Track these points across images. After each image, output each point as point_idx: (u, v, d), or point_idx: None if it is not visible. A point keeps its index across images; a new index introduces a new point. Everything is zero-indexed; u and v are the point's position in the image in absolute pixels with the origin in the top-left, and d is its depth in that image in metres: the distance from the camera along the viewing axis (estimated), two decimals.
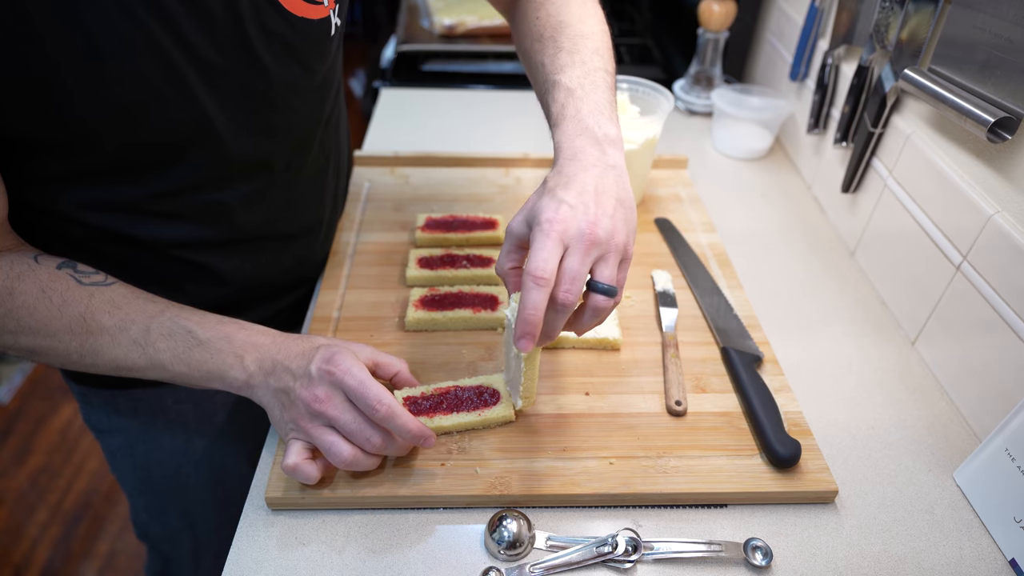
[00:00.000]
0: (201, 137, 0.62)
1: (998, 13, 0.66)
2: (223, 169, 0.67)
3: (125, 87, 0.55)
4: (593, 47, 0.68)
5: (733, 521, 0.63)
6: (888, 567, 0.60)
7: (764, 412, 0.67)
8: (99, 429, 0.85)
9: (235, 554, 0.59)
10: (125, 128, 0.58)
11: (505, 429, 0.67)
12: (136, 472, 0.88)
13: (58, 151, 0.58)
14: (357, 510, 0.62)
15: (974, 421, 0.72)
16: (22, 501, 1.75)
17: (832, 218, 1.02)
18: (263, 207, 0.73)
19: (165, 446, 0.85)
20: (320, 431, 0.59)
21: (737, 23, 1.22)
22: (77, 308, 0.59)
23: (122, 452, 0.86)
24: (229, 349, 0.61)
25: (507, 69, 1.41)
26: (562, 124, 0.61)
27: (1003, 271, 0.67)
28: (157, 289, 0.65)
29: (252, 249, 0.75)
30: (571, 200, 0.54)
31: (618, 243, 0.55)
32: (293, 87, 0.68)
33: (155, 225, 0.66)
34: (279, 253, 0.78)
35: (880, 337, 0.83)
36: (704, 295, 0.83)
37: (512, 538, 0.58)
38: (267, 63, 0.63)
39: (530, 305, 0.51)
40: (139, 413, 0.82)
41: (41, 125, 0.55)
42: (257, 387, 0.62)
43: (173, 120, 0.59)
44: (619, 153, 0.60)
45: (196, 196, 0.66)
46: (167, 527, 0.94)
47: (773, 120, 1.13)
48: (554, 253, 0.52)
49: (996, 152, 0.70)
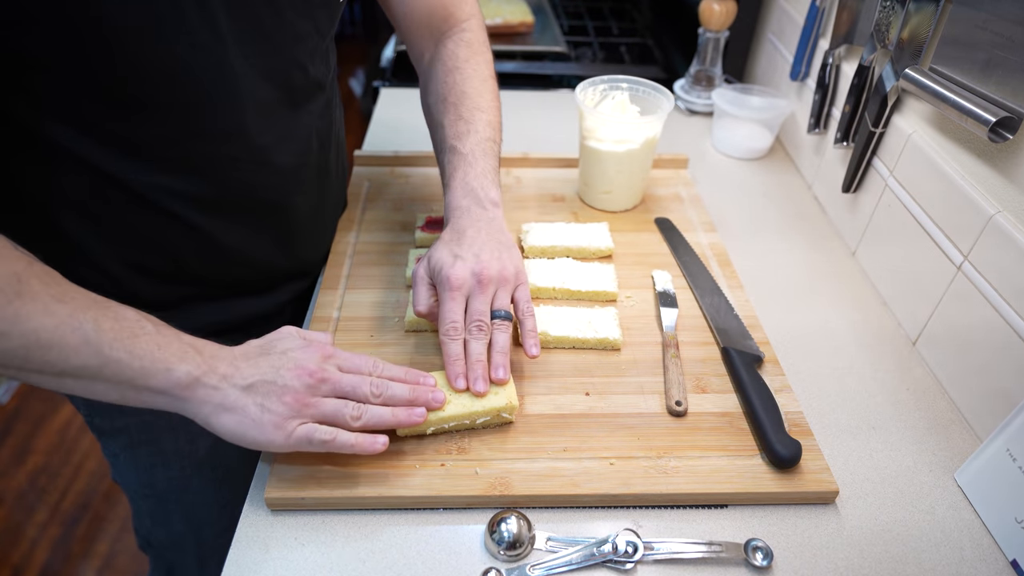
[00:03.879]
0: (216, 69, 0.62)
1: (999, 12, 0.66)
2: (231, 114, 0.66)
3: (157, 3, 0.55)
4: (487, 120, 0.79)
5: (733, 521, 0.63)
6: (889, 567, 0.60)
7: (765, 412, 0.67)
8: (102, 432, 0.84)
9: (235, 554, 0.59)
10: (144, 45, 0.57)
11: (505, 429, 0.67)
12: (140, 476, 0.87)
13: (72, 65, 0.56)
14: (357, 510, 0.62)
15: (975, 421, 0.72)
16: (21, 501, 1.75)
17: (833, 218, 1.02)
18: (254, 164, 0.71)
19: (168, 448, 0.84)
20: (327, 403, 0.58)
21: (737, 22, 1.22)
22: (14, 266, 0.51)
23: (125, 455, 0.85)
24: (181, 342, 0.57)
25: (507, 69, 1.40)
26: (452, 186, 0.75)
27: (1004, 271, 0.67)
28: (135, 251, 0.66)
29: (239, 211, 0.73)
30: (463, 253, 0.68)
31: (507, 276, 0.69)
32: (303, 41, 0.70)
33: (148, 171, 0.64)
34: (266, 220, 0.76)
35: (881, 337, 0.83)
36: (704, 295, 0.83)
37: (512, 538, 0.58)
38: (283, 8, 0.65)
39: (453, 355, 0.65)
40: (142, 413, 0.79)
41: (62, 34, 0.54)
42: (214, 387, 0.56)
43: (192, 43, 0.59)
44: (498, 210, 0.74)
45: (196, 144, 0.65)
46: (172, 533, 0.93)
47: (773, 120, 1.13)
48: (460, 305, 0.67)
49: (997, 152, 0.70)
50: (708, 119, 1.26)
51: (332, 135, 0.84)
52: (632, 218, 0.98)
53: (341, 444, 0.58)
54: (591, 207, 1.00)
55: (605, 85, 0.98)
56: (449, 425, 0.65)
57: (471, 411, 0.65)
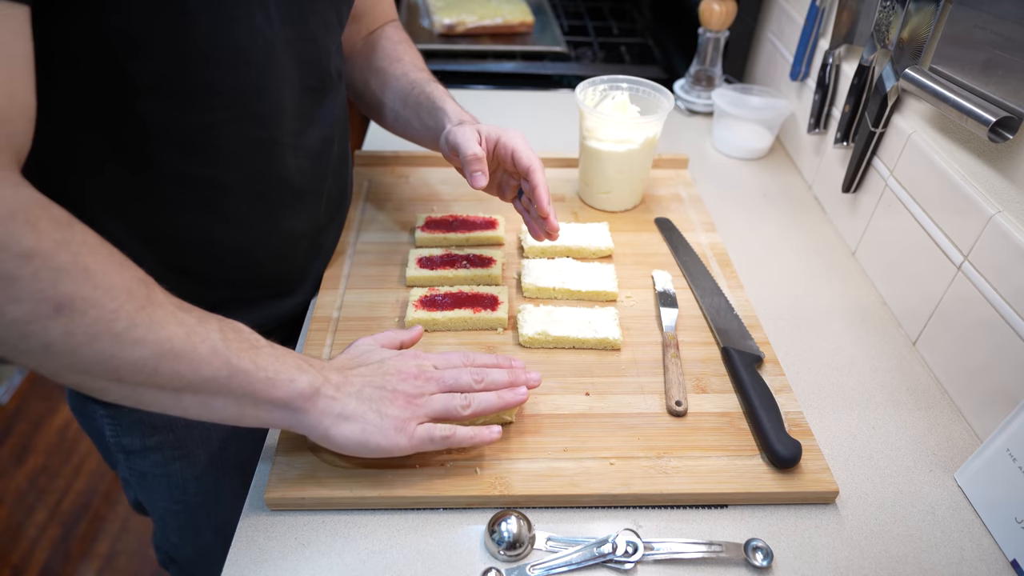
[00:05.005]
0: (265, 54, 0.63)
1: (999, 12, 0.66)
2: (273, 99, 0.67)
3: None
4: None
5: (734, 521, 0.63)
6: (889, 568, 0.60)
7: (765, 412, 0.67)
8: (131, 452, 0.81)
9: (235, 554, 0.59)
10: (217, 28, 0.58)
11: (505, 429, 0.67)
12: (171, 491, 0.84)
13: (152, 52, 0.56)
14: (357, 510, 0.62)
15: (975, 421, 0.72)
16: (21, 501, 1.75)
17: (833, 218, 1.02)
18: (291, 149, 0.72)
19: (200, 457, 0.82)
20: (436, 399, 0.61)
21: (737, 23, 1.22)
22: (138, 271, 0.49)
23: (155, 472, 0.82)
24: (293, 355, 0.57)
25: (507, 69, 1.40)
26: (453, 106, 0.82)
27: (1004, 271, 0.67)
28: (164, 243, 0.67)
29: (274, 201, 0.73)
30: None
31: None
32: (330, 31, 0.73)
33: (189, 161, 0.64)
34: (299, 209, 0.77)
35: (881, 337, 0.83)
36: (704, 295, 0.83)
37: (512, 538, 0.58)
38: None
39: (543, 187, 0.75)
40: (175, 427, 0.79)
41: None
42: (331, 397, 0.57)
43: (251, 26, 0.60)
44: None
45: (238, 129, 0.65)
46: (200, 545, 0.91)
47: (774, 120, 1.13)
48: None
49: (997, 152, 0.70)
50: (708, 119, 1.26)
51: (346, 127, 0.86)
52: (632, 218, 0.98)
53: (461, 439, 0.60)
54: (591, 207, 1.00)
55: (605, 85, 0.98)
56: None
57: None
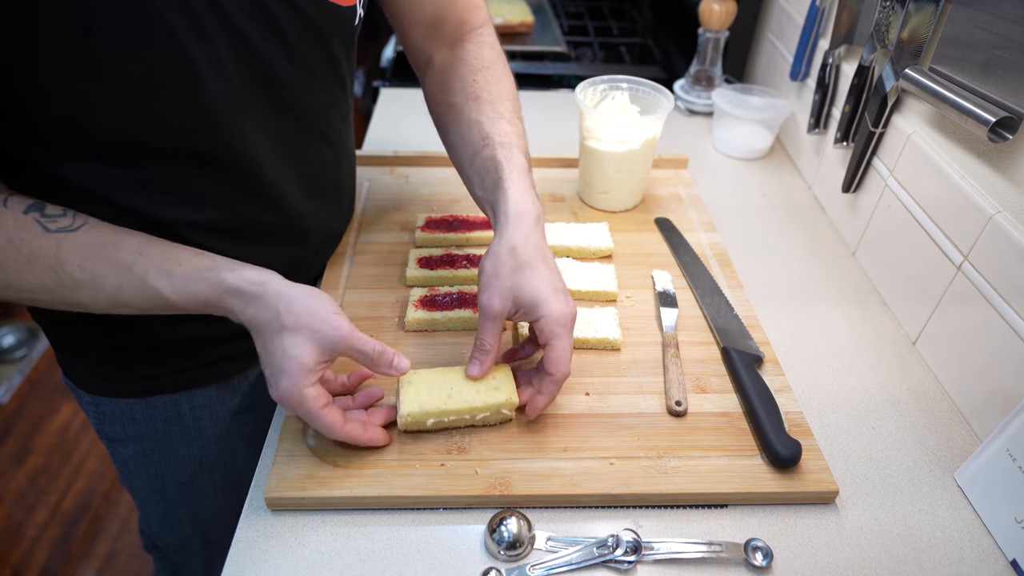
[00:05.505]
0: (223, 112, 0.62)
1: (999, 12, 0.66)
2: (243, 147, 0.65)
3: (156, 49, 0.55)
4: (521, 129, 0.76)
5: (734, 521, 0.63)
6: (889, 567, 0.60)
7: (765, 412, 0.67)
8: (112, 439, 0.84)
9: (235, 554, 0.59)
10: (151, 97, 0.57)
11: (505, 429, 0.67)
12: (150, 481, 0.87)
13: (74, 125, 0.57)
14: (357, 510, 0.62)
15: (975, 421, 0.72)
16: (21, 501, 1.75)
17: (833, 218, 1.02)
18: (275, 194, 0.71)
19: (181, 452, 0.84)
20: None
21: (737, 23, 1.22)
22: (46, 261, 0.56)
23: (136, 461, 0.85)
24: (209, 309, 0.61)
25: None
26: (515, 186, 0.67)
27: (1004, 271, 0.67)
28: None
29: (258, 238, 0.72)
30: (561, 287, 0.64)
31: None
32: (315, 72, 0.69)
33: (169, 206, 0.65)
34: (282, 249, 0.76)
35: (881, 337, 0.83)
36: (704, 295, 0.83)
37: (512, 538, 0.58)
38: (292, 42, 0.64)
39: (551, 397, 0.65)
40: (155, 421, 0.81)
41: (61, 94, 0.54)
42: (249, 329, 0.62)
43: (201, 89, 0.59)
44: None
45: (213, 177, 0.65)
46: (179, 536, 0.93)
47: (773, 120, 1.13)
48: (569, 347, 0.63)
49: (997, 152, 0.70)
50: (708, 119, 1.26)
51: (343, 155, 0.83)
52: (632, 218, 0.98)
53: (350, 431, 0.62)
54: (591, 207, 1.00)
55: (605, 85, 0.98)
56: (448, 419, 0.65)
57: (471, 406, 0.65)
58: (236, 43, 0.60)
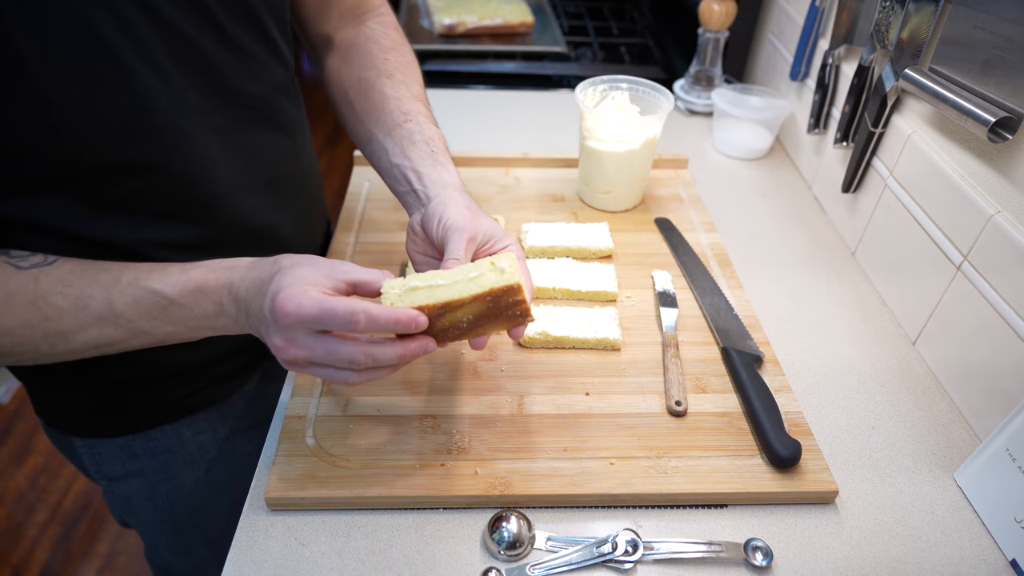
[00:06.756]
0: (165, 112, 0.59)
1: (999, 12, 0.66)
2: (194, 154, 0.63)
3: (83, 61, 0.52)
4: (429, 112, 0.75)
5: (733, 521, 0.63)
6: (888, 567, 0.60)
7: (764, 412, 0.67)
8: (112, 478, 0.81)
9: (235, 554, 0.59)
10: (83, 107, 0.54)
11: (505, 429, 0.67)
12: (157, 513, 0.84)
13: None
14: (357, 510, 0.62)
15: (974, 421, 0.72)
16: (21, 501, 1.75)
17: (832, 218, 1.02)
18: (235, 197, 0.68)
19: (187, 479, 0.82)
20: (306, 370, 0.55)
21: (737, 23, 1.22)
22: (25, 296, 0.53)
23: (140, 496, 0.82)
24: (204, 299, 0.57)
25: (507, 69, 1.40)
26: (448, 168, 0.68)
27: (1004, 271, 0.67)
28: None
29: (232, 245, 0.67)
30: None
31: None
32: (252, 54, 0.66)
33: (128, 225, 0.62)
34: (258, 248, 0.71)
35: (880, 337, 0.83)
36: (704, 295, 0.83)
37: (512, 538, 0.58)
38: (224, 24, 0.61)
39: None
40: (157, 453, 0.78)
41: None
42: (246, 326, 0.57)
43: (136, 90, 0.56)
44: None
45: (170, 190, 0.63)
46: (194, 560, 0.90)
47: (773, 120, 1.13)
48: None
49: (997, 152, 0.70)
50: (708, 119, 1.26)
51: (301, 143, 0.80)
52: (632, 218, 0.98)
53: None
54: (591, 207, 1.00)
55: (605, 85, 0.98)
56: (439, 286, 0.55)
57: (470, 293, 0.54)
58: (165, 34, 0.57)
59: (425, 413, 0.69)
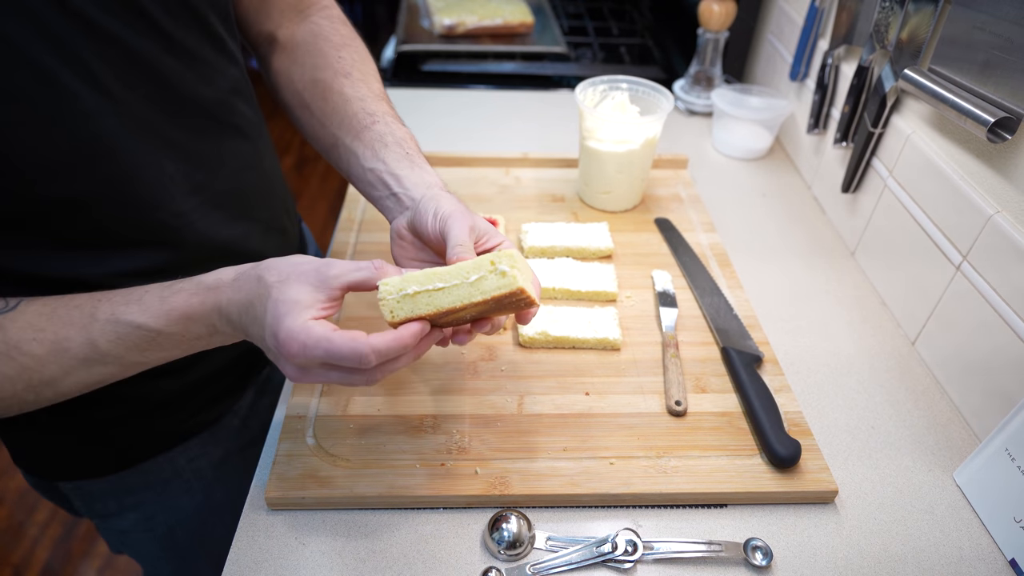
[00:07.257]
0: (115, 132, 0.55)
1: (998, 13, 0.66)
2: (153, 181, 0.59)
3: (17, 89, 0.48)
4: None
5: (733, 521, 0.63)
6: (888, 567, 0.60)
7: (764, 412, 0.67)
8: (106, 515, 0.78)
9: (235, 554, 0.59)
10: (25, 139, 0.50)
11: (505, 428, 0.67)
12: (158, 543, 0.81)
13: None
14: (357, 510, 0.62)
15: (974, 421, 0.72)
16: (22, 501, 1.75)
17: (832, 218, 1.02)
18: (199, 212, 0.65)
19: (185, 506, 0.79)
20: (321, 380, 0.53)
21: (737, 23, 1.22)
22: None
23: (137, 529, 0.79)
24: (194, 325, 0.54)
25: (507, 69, 1.41)
26: (424, 168, 0.66)
27: (1003, 271, 0.67)
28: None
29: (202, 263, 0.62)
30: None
31: None
32: (201, 57, 0.62)
33: (91, 260, 0.59)
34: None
35: (880, 337, 0.83)
36: (704, 295, 0.83)
37: (512, 538, 0.58)
38: (166, 28, 0.57)
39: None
40: (153, 484, 0.75)
41: None
42: (246, 340, 0.55)
43: (80, 112, 0.52)
44: None
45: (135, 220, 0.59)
46: None
47: (773, 120, 1.13)
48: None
49: (996, 152, 0.70)
50: (708, 119, 1.27)
51: (263, 146, 0.76)
52: (632, 218, 0.98)
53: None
54: (591, 207, 1.00)
55: (605, 85, 0.98)
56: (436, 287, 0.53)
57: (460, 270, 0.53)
58: (101, 46, 0.52)
59: (425, 413, 0.69)
